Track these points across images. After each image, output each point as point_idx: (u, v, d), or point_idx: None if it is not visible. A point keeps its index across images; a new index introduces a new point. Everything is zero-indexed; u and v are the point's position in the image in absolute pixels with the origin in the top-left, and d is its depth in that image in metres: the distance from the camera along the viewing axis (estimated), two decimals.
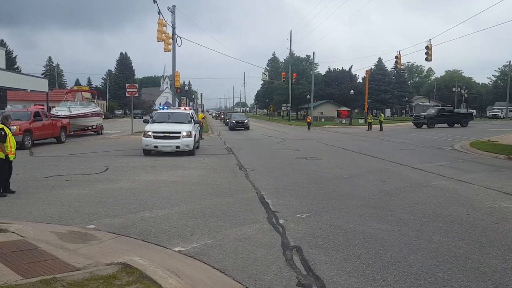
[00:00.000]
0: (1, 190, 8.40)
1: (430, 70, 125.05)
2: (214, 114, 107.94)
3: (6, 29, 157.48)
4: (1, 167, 8.37)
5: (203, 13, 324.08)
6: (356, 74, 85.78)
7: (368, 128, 39.18)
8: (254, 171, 12.16)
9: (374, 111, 75.18)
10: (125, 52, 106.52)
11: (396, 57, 34.28)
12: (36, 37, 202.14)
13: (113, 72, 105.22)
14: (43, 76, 70.18)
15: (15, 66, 76.51)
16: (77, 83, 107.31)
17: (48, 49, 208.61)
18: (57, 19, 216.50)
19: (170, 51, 29.22)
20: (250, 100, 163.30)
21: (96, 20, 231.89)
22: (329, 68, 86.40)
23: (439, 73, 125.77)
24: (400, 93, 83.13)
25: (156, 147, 15.77)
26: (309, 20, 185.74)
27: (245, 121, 39.89)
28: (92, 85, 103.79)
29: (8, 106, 43.02)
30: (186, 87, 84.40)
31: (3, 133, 8.30)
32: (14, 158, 8.64)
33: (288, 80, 60.25)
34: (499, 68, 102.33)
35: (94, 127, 29.30)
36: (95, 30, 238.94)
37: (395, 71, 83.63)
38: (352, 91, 66.46)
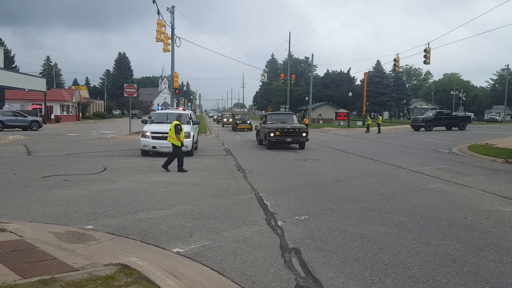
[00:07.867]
0: (182, 169, 12.08)
1: (428, 73, 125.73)
2: (215, 116, 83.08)
3: (11, 27, 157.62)
4: (179, 151, 12.24)
5: (204, 14, 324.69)
6: (354, 77, 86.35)
7: (367, 130, 39.27)
8: (253, 172, 12.17)
9: (372, 113, 75.37)
10: (124, 52, 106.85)
11: (395, 60, 34.39)
12: (39, 36, 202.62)
13: (111, 72, 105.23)
14: (41, 75, 69.95)
15: (13, 65, 76.30)
16: (75, 82, 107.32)
17: (49, 49, 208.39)
18: (62, 19, 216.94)
19: (169, 51, 29.26)
20: (249, 101, 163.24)
21: (102, 20, 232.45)
22: (328, 70, 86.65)
23: (437, 76, 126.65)
24: (398, 96, 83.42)
25: (154, 147, 15.74)
26: (308, 22, 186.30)
27: None
28: (90, 85, 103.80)
29: (6, 106, 42.96)
30: (185, 88, 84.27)
31: (179, 127, 12.21)
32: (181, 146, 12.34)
33: (286, 82, 60.26)
34: (497, 72, 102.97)
35: None
36: (99, 31, 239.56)
37: (393, 74, 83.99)
38: (350, 93, 66.70)
